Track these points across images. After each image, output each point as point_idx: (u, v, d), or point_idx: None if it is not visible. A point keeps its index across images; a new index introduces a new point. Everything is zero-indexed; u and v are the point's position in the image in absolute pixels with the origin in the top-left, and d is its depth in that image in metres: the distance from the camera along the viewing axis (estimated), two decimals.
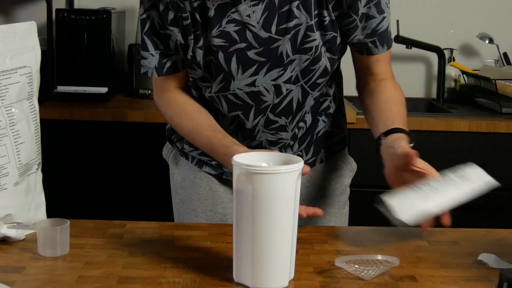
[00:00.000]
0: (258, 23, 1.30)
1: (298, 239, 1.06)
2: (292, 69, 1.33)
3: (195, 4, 1.31)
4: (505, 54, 2.96)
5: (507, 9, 3.06)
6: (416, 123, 2.52)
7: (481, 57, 3.08)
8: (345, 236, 1.31)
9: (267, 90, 1.35)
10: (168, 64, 1.38)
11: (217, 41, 1.31)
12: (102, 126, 2.54)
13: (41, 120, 1.32)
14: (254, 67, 1.33)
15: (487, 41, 2.92)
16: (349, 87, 1.60)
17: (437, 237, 1.28)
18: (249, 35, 1.31)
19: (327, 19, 1.31)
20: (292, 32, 1.30)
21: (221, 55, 1.32)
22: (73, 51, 2.68)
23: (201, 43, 1.33)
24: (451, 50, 3.00)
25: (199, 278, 1.05)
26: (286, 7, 1.29)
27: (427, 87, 3.10)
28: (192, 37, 1.33)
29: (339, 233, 1.33)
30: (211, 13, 1.30)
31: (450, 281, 1.07)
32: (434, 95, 3.04)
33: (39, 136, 1.28)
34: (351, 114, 2.44)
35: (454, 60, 2.99)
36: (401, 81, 1.46)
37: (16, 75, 1.20)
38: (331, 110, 1.48)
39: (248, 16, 1.29)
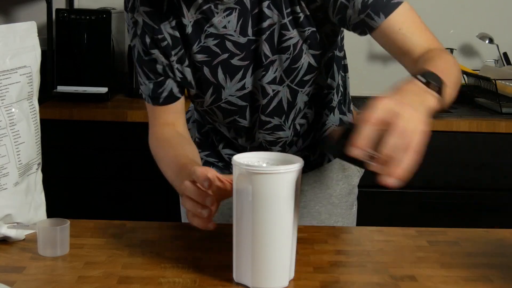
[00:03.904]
0: (235, 31, 1.30)
1: (298, 239, 1.06)
2: (275, 70, 1.32)
3: (173, 24, 1.32)
4: (505, 54, 2.96)
5: (507, 9, 3.06)
6: None
7: (481, 57, 3.07)
8: (345, 236, 1.31)
9: (257, 90, 1.36)
10: (164, 94, 1.38)
11: (200, 57, 1.32)
12: (102, 126, 2.54)
13: (41, 120, 1.32)
14: (241, 72, 1.33)
15: (487, 41, 2.92)
16: (350, 86, 1.60)
17: (437, 237, 1.28)
18: (229, 44, 1.31)
19: (302, 15, 1.28)
20: (267, 32, 1.29)
21: (206, 70, 1.33)
22: (73, 51, 2.68)
23: (187, 62, 1.34)
24: (451, 50, 2.99)
25: (199, 278, 1.05)
26: (257, 9, 1.28)
27: None
28: (173, 58, 1.33)
29: (339, 233, 1.33)
30: (189, 30, 1.31)
31: (450, 281, 1.07)
32: None
33: (39, 136, 1.28)
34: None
35: None
36: None
37: (16, 75, 1.20)
38: (334, 104, 1.46)
39: (225, 27, 1.29)
